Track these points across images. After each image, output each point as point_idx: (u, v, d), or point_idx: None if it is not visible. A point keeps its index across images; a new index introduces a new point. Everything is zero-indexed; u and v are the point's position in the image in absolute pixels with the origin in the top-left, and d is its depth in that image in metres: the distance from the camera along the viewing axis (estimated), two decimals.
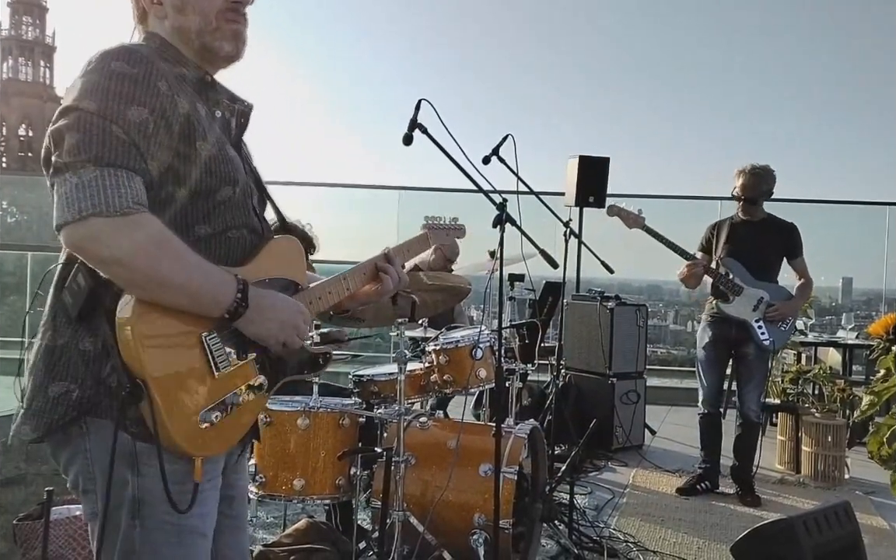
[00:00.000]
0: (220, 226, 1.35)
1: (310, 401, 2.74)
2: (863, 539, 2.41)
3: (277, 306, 1.36)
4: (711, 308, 4.21)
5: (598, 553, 3.25)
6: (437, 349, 3.14)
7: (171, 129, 1.26)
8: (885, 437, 2.33)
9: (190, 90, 1.34)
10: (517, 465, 2.80)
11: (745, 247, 4.09)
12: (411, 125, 2.46)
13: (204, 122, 1.33)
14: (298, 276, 1.49)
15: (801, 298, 4.20)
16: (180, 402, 1.25)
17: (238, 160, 1.40)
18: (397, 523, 2.67)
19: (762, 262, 4.10)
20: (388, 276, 1.70)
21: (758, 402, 4.15)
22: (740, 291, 4.03)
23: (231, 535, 1.52)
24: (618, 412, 5.12)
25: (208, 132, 1.32)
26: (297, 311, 1.39)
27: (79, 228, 1.17)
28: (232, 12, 1.38)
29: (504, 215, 2.47)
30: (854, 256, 8.80)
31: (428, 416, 3.05)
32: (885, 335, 2.44)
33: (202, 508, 1.33)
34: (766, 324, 4.03)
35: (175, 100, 1.27)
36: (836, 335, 6.53)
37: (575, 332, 5.40)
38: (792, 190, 14.80)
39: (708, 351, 4.20)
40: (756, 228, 4.13)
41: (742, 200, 4.12)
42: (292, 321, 1.38)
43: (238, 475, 1.56)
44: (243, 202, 1.39)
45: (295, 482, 2.68)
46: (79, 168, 1.17)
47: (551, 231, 3.82)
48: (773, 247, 4.15)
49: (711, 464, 4.27)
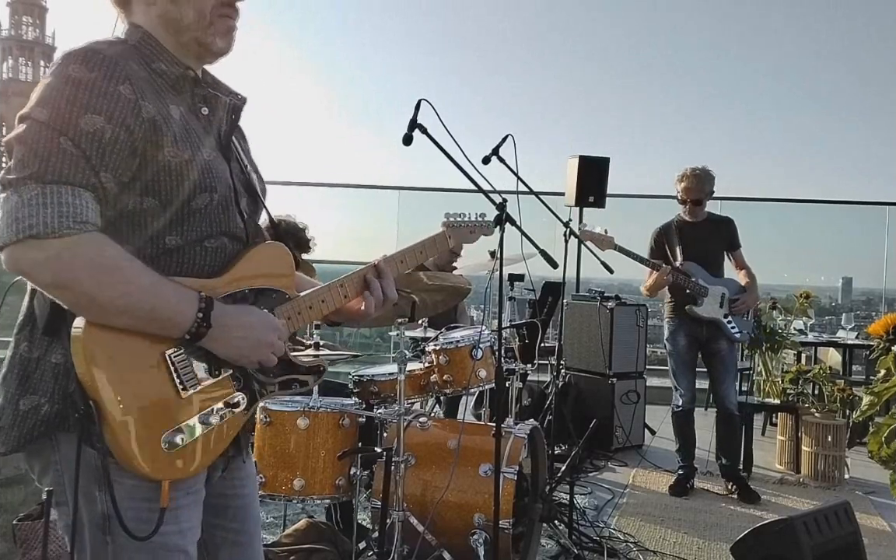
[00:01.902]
0: (195, 236, 1.28)
1: (310, 401, 2.73)
2: (862, 539, 2.41)
3: (245, 323, 1.28)
4: (675, 310, 4.30)
5: (598, 553, 3.25)
6: (436, 349, 3.14)
7: (133, 135, 1.19)
8: (885, 437, 2.33)
9: (166, 89, 1.28)
10: (517, 466, 2.80)
11: (696, 247, 4.24)
12: (411, 125, 2.46)
13: (177, 125, 1.25)
14: (284, 284, 1.40)
15: (755, 286, 4.36)
16: (139, 424, 1.18)
17: (219, 162, 1.33)
18: (397, 523, 2.67)
19: (713, 260, 4.28)
20: (371, 292, 1.53)
21: (735, 395, 4.36)
22: (706, 292, 4.17)
23: (230, 549, 1.45)
24: (618, 412, 5.12)
25: (181, 136, 1.25)
26: (269, 327, 1.30)
27: (16, 251, 1.12)
28: (227, 7, 1.33)
29: (504, 215, 2.46)
30: (854, 256, 8.81)
31: (429, 416, 3.05)
32: (885, 335, 2.44)
33: (178, 525, 1.27)
34: (733, 318, 4.20)
35: (139, 104, 1.20)
36: (836, 335, 6.53)
37: (575, 332, 5.40)
38: (792, 190, 14.83)
39: (683, 353, 4.29)
40: (701, 228, 4.29)
41: (689, 203, 4.25)
42: (264, 339, 1.29)
43: (235, 484, 1.46)
44: (224, 208, 1.32)
45: (295, 482, 2.67)
46: (20, 186, 1.12)
47: (551, 231, 3.83)
48: (719, 242, 4.34)
49: (689, 461, 4.36)
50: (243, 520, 1.48)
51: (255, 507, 1.54)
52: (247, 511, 1.49)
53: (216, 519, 1.42)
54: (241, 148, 1.45)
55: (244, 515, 1.49)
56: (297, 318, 1.41)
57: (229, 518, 1.46)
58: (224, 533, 1.45)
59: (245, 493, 1.49)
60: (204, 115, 1.35)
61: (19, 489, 2.57)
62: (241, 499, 1.48)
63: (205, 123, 1.34)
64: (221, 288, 1.29)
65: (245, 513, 1.49)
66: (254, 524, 1.52)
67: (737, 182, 18.76)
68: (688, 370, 4.30)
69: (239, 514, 1.47)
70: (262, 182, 1.49)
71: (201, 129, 1.32)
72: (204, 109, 1.35)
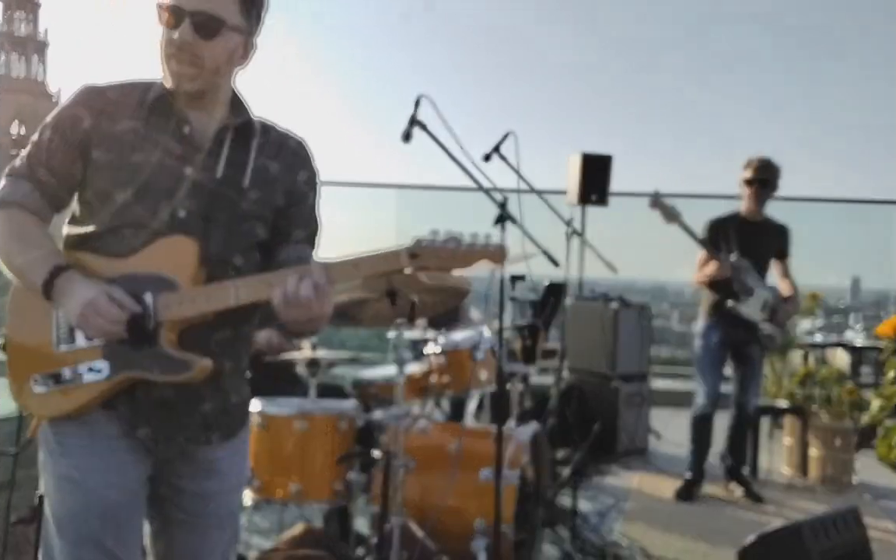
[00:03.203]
0: (114, 223, 1.50)
1: (307, 403, 2.71)
2: (871, 545, 2.36)
3: (75, 294, 1.45)
4: (716, 307, 4.16)
5: (602, 559, 3.21)
6: (436, 351, 3.11)
7: (68, 142, 1.50)
8: (895, 440, 2.28)
9: (137, 110, 1.52)
10: (519, 470, 2.76)
11: (750, 247, 4.11)
12: (411, 122, 2.44)
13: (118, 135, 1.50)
14: (179, 274, 1.49)
15: (798, 298, 4.28)
16: (20, 361, 1.53)
17: (150, 166, 1.49)
18: (396, 529, 2.62)
19: (763, 263, 4.18)
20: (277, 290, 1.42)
21: (755, 400, 4.32)
22: (752, 292, 4.06)
23: (180, 531, 1.63)
24: (622, 415, 5.06)
25: (116, 144, 1.49)
26: (87, 303, 1.44)
27: None
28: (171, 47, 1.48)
29: (505, 214, 2.43)
30: (863, 256, 8.71)
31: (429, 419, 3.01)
32: (894, 336, 2.39)
33: (72, 460, 1.50)
34: (769, 325, 4.09)
35: (79, 118, 1.50)
36: (845, 336, 6.46)
37: (578, 333, 5.34)
38: (801, 188, 14.76)
39: (714, 350, 4.19)
40: (758, 229, 4.18)
41: (755, 187, 4.09)
42: (82, 311, 1.44)
43: (187, 474, 1.59)
44: (151, 205, 1.49)
45: (291, 486, 2.65)
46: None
47: (553, 230, 3.78)
48: (771, 248, 4.24)
49: (700, 468, 4.28)
50: (194, 507, 1.61)
51: (220, 503, 1.64)
52: (198, 500, 1.61)
53: (173, 498, 1.60)
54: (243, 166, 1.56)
55: (196, 504, 1.61)
56: (178, 307, 1.49)
57: (182, 503, 1.61)
58: (178, 513, 1.61)
59: (206, 485, 1.61)
60: (186, 133, 1.53)
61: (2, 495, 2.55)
62: (192, 489, 1.60)
63: (184, 141, 1.53)
64: (120, 267, 1.49)
65: (196, 501, 1.61)
66: (208, 517, 1.63)
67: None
68: (715, 369, 4.21)
69: (187, 499, 1.60)
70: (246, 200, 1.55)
71: (170, 141, 1.51)
72: (186, 128, 1.53)
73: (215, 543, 1.66)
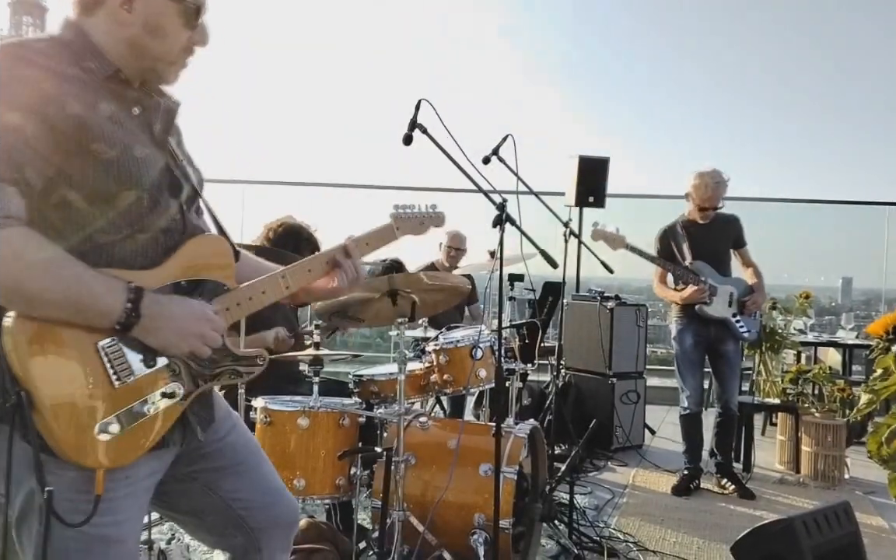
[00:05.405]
0: (127, 230, 1.30)
1: (310, 401, 2.74)
2: (863, 539, 2.41)
3: (176, 314, 1.30)
4: (684, 309, 4.26)
5: (598, 553, 3.25)
6: (436, 349, 3.14)
7: (56, 131, 1.20)
8: (885, 436, 2.33)
9: (95, 87, 1.29)
10: (517, 465, 2.80)
11: (704, 247, 4.21)
12: (411, 125, 2.46)
13: (105, 123, 1.27)
14: (222, 275, 1.43)
15: (763, 284, 4.32)
16: (72, 414, 1.21)
17: (153, 159, 1.34)
18: (397, 523, 2.67)
19: (721, 259, 4.26)
20: (343, 271, 1.63)
21: (737, 394, 4.39)
22: (716, 292, 4.15)
23: (230, 480, 1.52)
24: (618, 412, 5.12)
25: (109, 133, 1.27)
26: (201, 318, 1.33)
27: None
28: (190, 54, 1.41)
29: (504, 215, 2.47)
30: (854, 256, 8.78)
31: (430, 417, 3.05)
32: (885, 335, 2.44)
33: (115, 516, 1.29)
34: (742, 317, 4.19)
35: (62, 101, 1.21)
36: (836, 335, 6.52)
37: (575, 332, 5.40)
38: (792, 189, 14.82)
39: (690, 353, 4.26)
40: (709, 227, 4.25)
41: (706, 210, 4.17)
42: (195, 330, 1.32)
43: (213, 437, 1.49)
44: (155, 202, 1.34)
45: (295, 482, 2.67)
46: None
47: (551, 231, 3.83)
48: (725, 241, 4.31)
49: (696, 463, 4.34)
50: (234, 454, 1.53)
51: (244, 440, 1.58)
52: (233, 447, 1.54)
53: (206, 464, 1.48)
54: (176, 145, 1.46)
55: (233, 452, 1.53)
56: (235, 309, 1.44)
57: (222, 458, 1.51)
58: (216, 473, 1.51)
59: (228, 439, 1.53)
60: (136, 114, 1.35)
61: None
62: (226, 444, 1.52)
63: (139, 122, 1.36)
64: (156, 280, 1.32)
65: (232, 448, 1.53)
66: (250, 457, 1.57)
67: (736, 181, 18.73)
68: (695, 370, 4.28)
69: (228, 452, 1.52)
70: (198, 174, 1.51)
71: (135, 126, 1.34)
72: (136, 109, 1.36)
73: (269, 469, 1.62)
